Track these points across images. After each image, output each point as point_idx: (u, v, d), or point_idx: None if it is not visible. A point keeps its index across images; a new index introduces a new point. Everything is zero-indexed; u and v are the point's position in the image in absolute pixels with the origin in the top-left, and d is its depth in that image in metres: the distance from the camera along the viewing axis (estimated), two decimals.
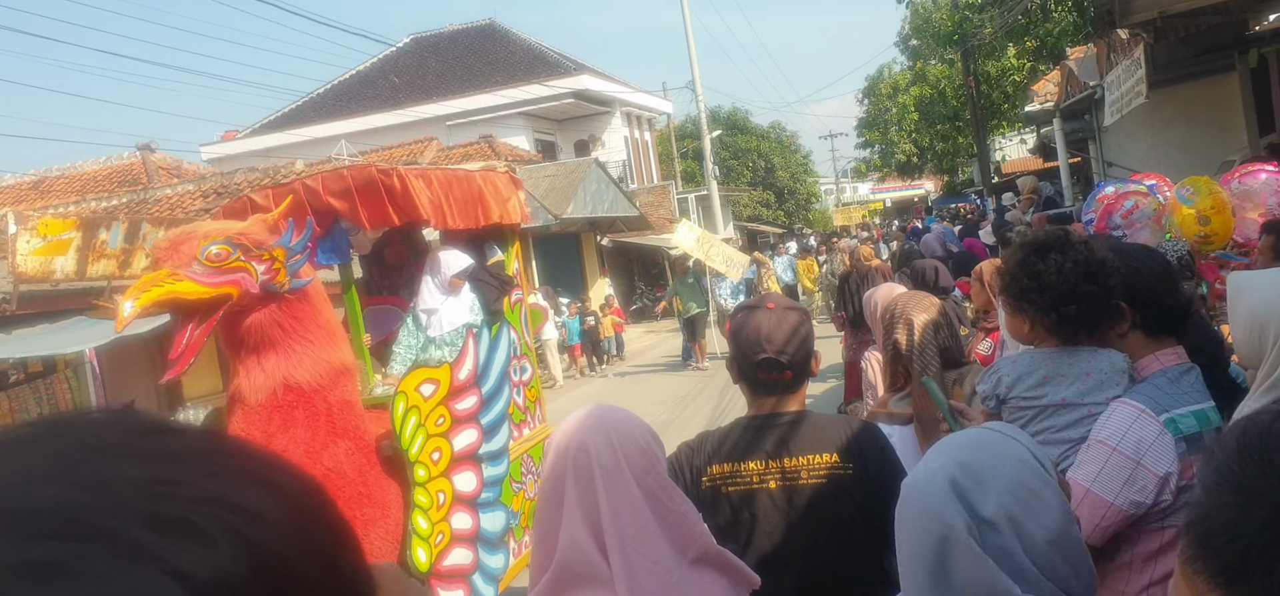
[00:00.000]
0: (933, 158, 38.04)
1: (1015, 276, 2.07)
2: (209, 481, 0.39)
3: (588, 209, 20.25)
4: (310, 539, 0.40)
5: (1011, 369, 2.11)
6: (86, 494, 0.36)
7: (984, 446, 1.21)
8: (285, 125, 27.67)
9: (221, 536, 0.37)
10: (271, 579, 0.37)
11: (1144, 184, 5.57)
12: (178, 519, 0.36)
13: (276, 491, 0.40)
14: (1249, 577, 0.58)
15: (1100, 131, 13.66)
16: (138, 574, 0.34)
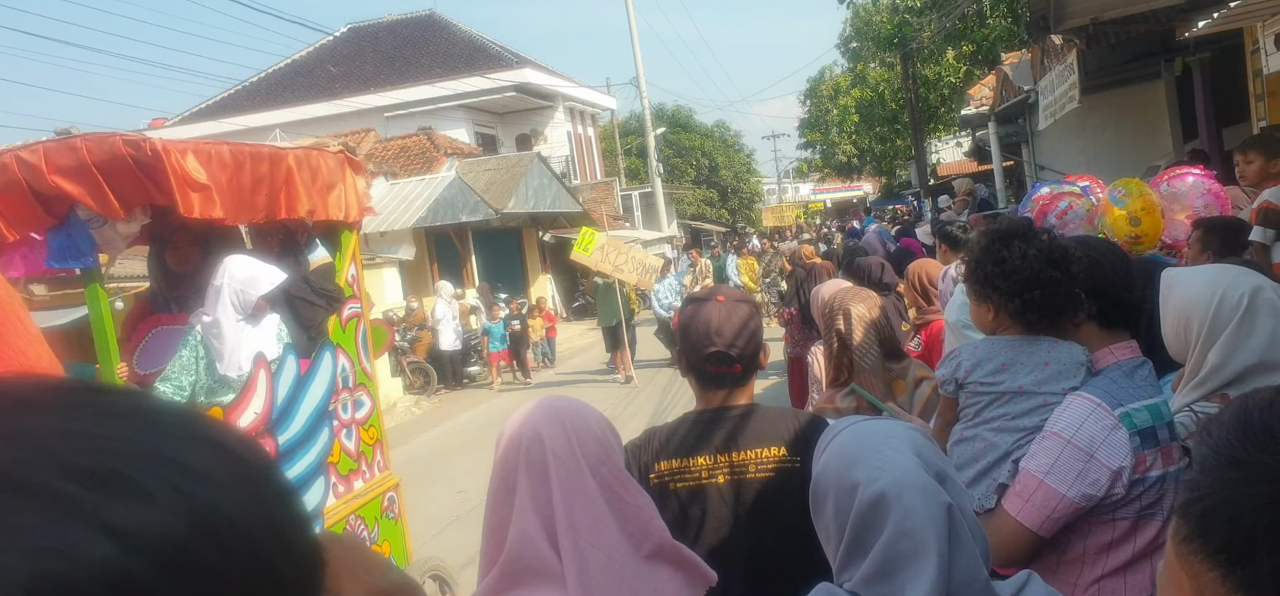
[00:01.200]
0: (872, 159, 38.76)
1: (980, 263, 2.07)
2: (146, 438, 0.36)
3: (529, 204, 20.08)
4: (257, 502, 0.38)
5: (971, 354, 2.12)
6: (6, 447, 0.34)
7: (901, 431, 1.35)
8: (217, 114, 26.88)
9: (160, 492, 0.34)
10: (215, 538, 0.35)
11: (1077, 185, 5.71)
12: (109, 473, 0.34)
13: (222, 452, 0.38)
14: (1255, 555, 0.56)
15: (1033, 135, 14.05)
16: (60, 526, 0.32)
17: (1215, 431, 0.64)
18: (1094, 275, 2.02)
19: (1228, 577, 0.58)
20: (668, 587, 1.47)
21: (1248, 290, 1.89)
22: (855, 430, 1.38)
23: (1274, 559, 0.55)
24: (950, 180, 19.53)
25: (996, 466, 2.02)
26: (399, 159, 20.31)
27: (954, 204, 12.46)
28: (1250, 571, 0.56)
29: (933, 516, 1.22)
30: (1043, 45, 11.36)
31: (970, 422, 2.11)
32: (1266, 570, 0.55)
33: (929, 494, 1.24)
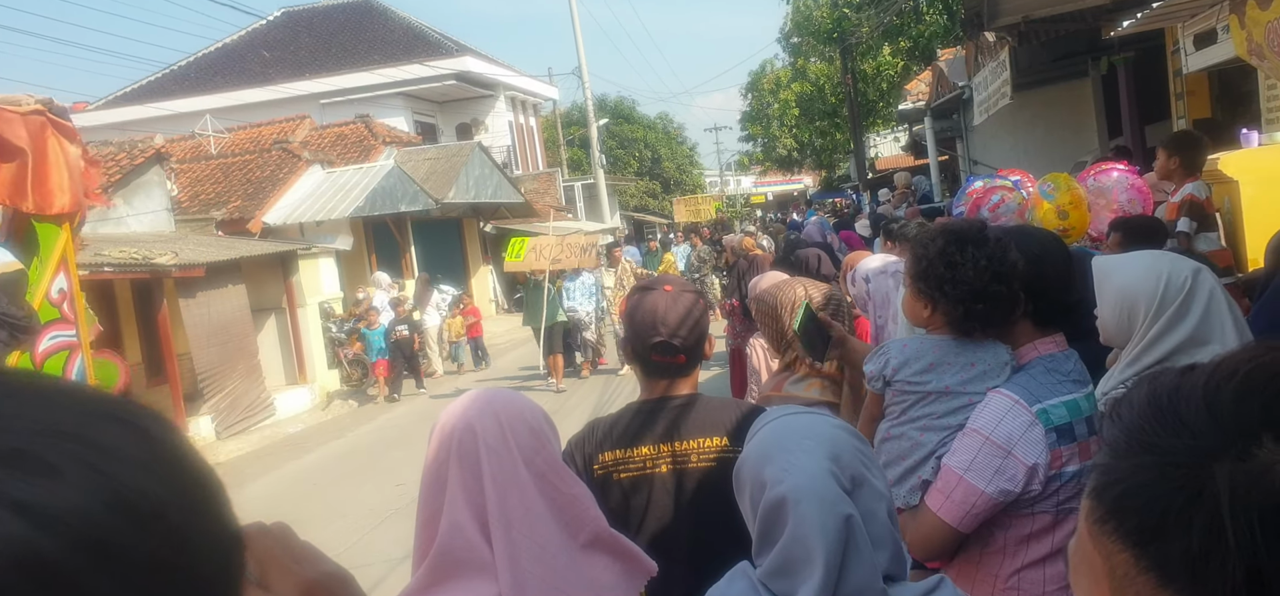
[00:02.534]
0: (812, 153, 39.23)
1: (932, 263, 2.05)
2: (51, 415, 0.34)
3: (470, 194, 19.83)
4: (173, 481, 0.37)
5: (900, 352, 2.12)
6: None
7: (823, 430, 1.37)
8: (142, 98, 25.89)
9: (69, 469, 0.33)
10: (130, 516, 0.34)
11: (1009, 179, 5.86)
12: (14, 450, 0.33)
13: (133, 430, 0.36)
14: (1167, 537, 0.57)
15: (968, 130, 14.38)
16: None
17: (1125, 413, 0.64)
18: (1033, 274, 2.02)
19: (1140, 558, 0.59)
20: (604, 577, 1.45)
21: (1190, 272, 1.93)
22: (778, 424, 1.41)
23: (1184, 541, 0.56)
24: (889, 174, 19.90)
25: (922, 464, 2.04)
26: (335, 147, 19.86)
27: (893, 197, 12.72)
28: (1162, 553, 0.57)
29: (825, 528, 1.25)
30: (977, 42, 11.63)
31: (896, 420, 2.12)
32: (1177, 552, 0.56)
33: (827, 504, 1.27)
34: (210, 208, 15.47)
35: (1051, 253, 2.13)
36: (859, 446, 1.37)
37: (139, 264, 10.84)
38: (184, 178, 15.98)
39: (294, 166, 16.86)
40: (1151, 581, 0.58)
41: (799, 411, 1.47)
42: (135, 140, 13.90)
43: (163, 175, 13.80)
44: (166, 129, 17.75)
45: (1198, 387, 0.61)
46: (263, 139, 19.09)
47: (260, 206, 15.54)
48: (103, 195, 2.68)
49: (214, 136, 19.24)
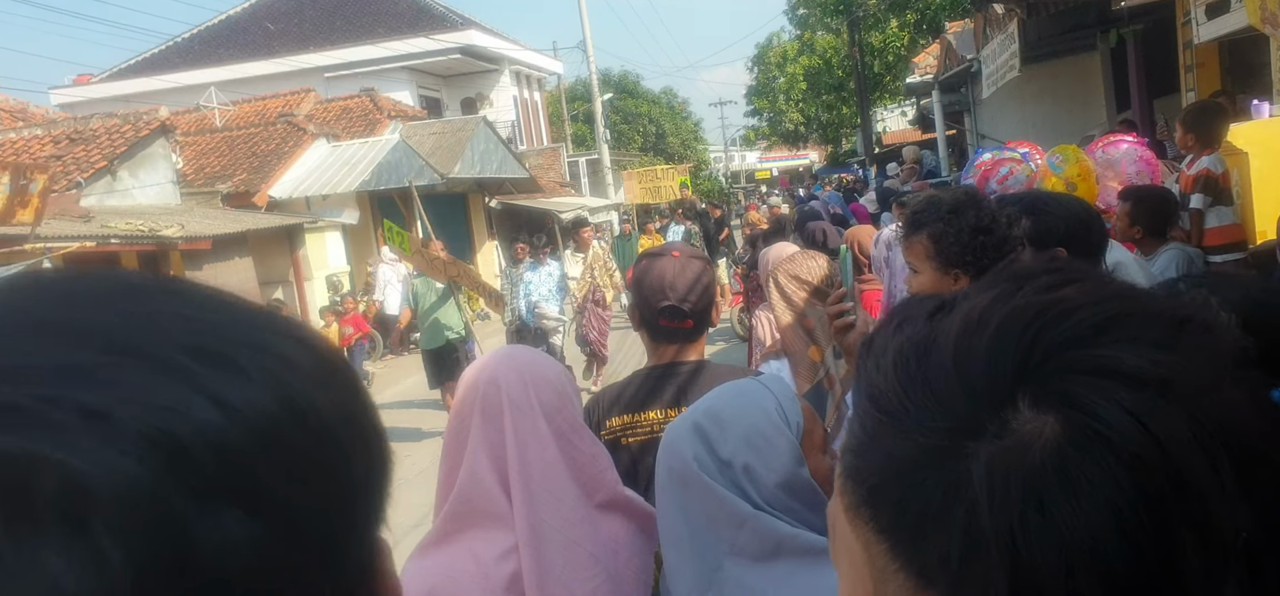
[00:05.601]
0: (818, 128, 39.04)
1: (941, 234, 2.09)
2: (244, 328, 0.41)
3: (476, 169, 19.80)
4: (338, 395, 0.43)
5: None
6: (130, 320, 0.39)
7: (737, 395, 1.37)
8: (147, 70, 25.82)
9: (256, 373, 0.40)
10: (300, 420, 0.40)
11: (1018, 151, 5.85)
12: (215, 352, 0.39)
13: (308, 348, 0.43)
14: (924, 537, 0.47)
15: (975, 104, 14.30)
16: (173, 389, 0.37)
17: (872, 372, 0.53)
18: (1082, 245, 2.04)
19: (897, 555, 0.50)
20: (621, 534, 1.48)
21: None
22: (726, 385, 1.46)
23: (943, 543, 0.46)
24: (896, 148, 19.80)
25: None
26: (341, 120, 19.82)
27: (902, 172, 12.67)
28: (919, 555, 0.48)
29: (662, 483, 1.34)
30: (986, 14, 11.54)
31: None
32: (935, 556, 0.47)
33: (669, 451, 1.34)
34: (216, 181, 15.48)
35: (1096, 221, 2.17)
36: (763, 429, 1.32)
37: (145, 236, 10.88)
38: (189, 150, 15.97)
39: (299, 140, 16.85)
40: (912, 583, 0.49)
41: (752, 378, 1.49)
42: (140, 112, 13.90)
43: (168, 148, 13.81)
44: (171, 102, 17.73)
45: (948, 346, 0.50)
46: (268, 112, 19.06)
47: (266, 180, 15.55)
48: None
49: (219, 109, 19.21)
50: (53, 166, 10.99)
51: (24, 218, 9.14)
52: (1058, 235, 2.06)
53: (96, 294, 0.41)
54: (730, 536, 1.27)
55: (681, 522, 1.31)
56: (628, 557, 1.48)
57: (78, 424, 0.35)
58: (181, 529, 0.35)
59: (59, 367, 0.36)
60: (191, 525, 0.35)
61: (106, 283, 0.42)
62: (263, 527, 0.37)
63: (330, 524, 0.41)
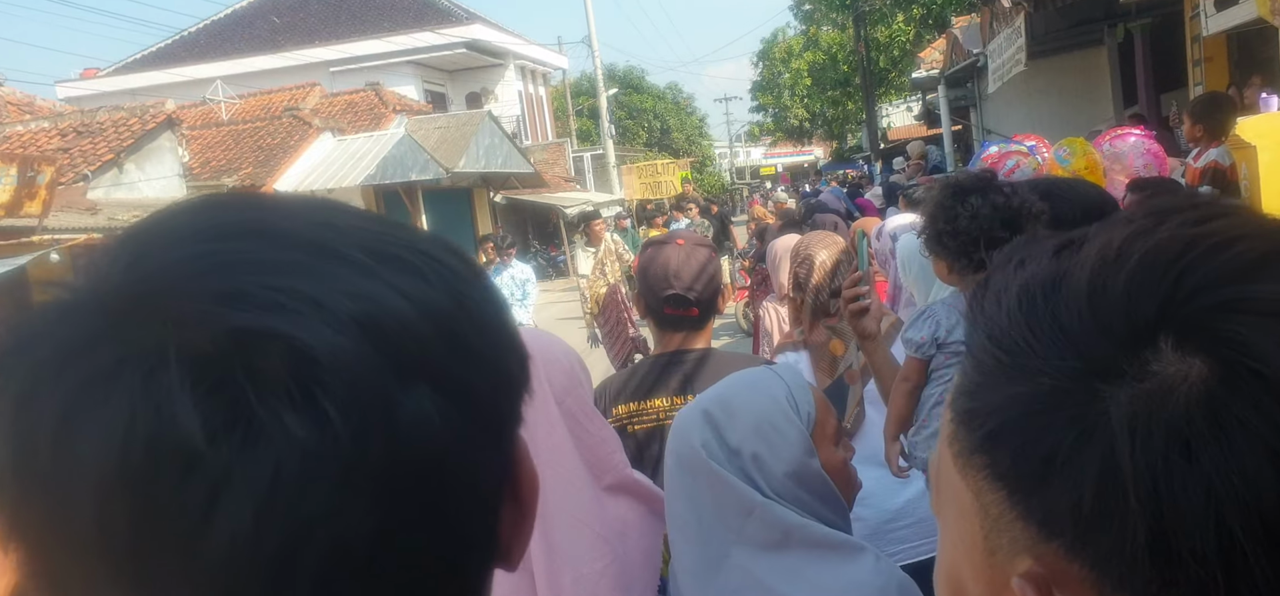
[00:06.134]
0: (823, 123, 39.00)
1: (933, 218, 2.07)
2: (408, 237, 0.47)
3: (481, 163, 19.81)
4: (490, 296, 0.49)
5: (948, 315, 2.11)
6: (318, 228, 0.44)
7: (747, 384, 1.36)
8: (153, 64, 25.92)
9: (430, 273, 0.45)
10: (468, 315, 0.46)
11: (1024, 145, 5.84)
12: (392, 255, 0.44)
13: (459, 256, 0.48)
14: (1051, 485, 0.45)
15: (981, 99, 14.26)
16: (366, 282, 0.42)
17: (991, 312, 0.50)
18: (1085, 223, 2.04)
19: (1017, 503, 0.47)
20: (629, 516, 1.48)
21: None
22: (740, 372, 1.46)
23: (1074, 492, 0.44)
24: (901, 144, 19.76)
25: None
26: (346, 114, 19.84)
27: (908, 167, 12.65)
28: (1045, 504, 0.45)
29: (671, 469, 1.34)
30: (992, 8, 11.51)
31: (949, 384, 2.10)
32: (1065, 505, 0.44)
33: (678, 436, 1.34)
34: (221, 174, 15.51)
35: (1113, 207, 2.12)
36: (774, 418, 1.30)
37: None
38: (195, 144, 16.01)
39: (305, 134, 16.88)
40: (1032, 533, 0.46)
41: (766, 366, 1.48)
42: (147, 106, 13.95)
43: (174, 141, 13.85)
44: (177, 95, 17.77)
45: (1082, 281, 0.47)
46: (273, 106, 19.09)
47: (271, 174, 15.58)
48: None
49: (225, 103, 19.24)
50: (60, 159, 11.03)
51: (31, 210, 9.19)
52: (1072, 221, 2.02)
53: (286, 208, 0.47)
54: (738, 524, 1.26)
55: (689, 509, 1.31)
56: (636, 539, 1.48)
57: (299, 307, 0.40)
58: (387, 399, 0.40)
59: (275, 263, 0.41)
60: (393, 396, 0.41)
61: (291, 201, 0.48)
62: (447, 403, 0.43)
63: (496, 407, 0.47)
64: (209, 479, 0.37)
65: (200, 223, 0.44)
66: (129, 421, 0.37)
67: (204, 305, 0.39)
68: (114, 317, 0.39)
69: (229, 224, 0.44)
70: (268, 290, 0.40)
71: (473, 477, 0.46)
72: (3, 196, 8.89)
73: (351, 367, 0.40)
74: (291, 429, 0.38)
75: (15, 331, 0.41)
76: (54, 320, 0.41)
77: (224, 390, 0.38)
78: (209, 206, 0.46)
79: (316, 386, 0.39)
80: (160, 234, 0.44)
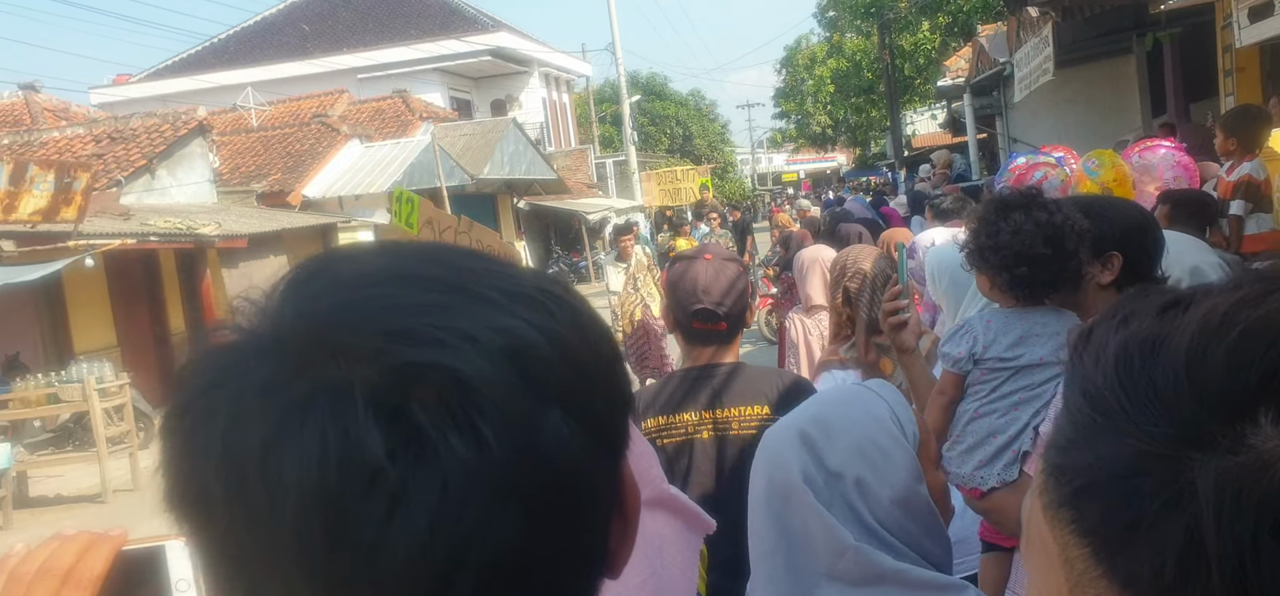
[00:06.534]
0: (847, 130, 38.83)
1: (975, 234, 2.07)
2: (537, 277, 0.54)
3: (505, 170, 19.94)
4: (601, 328, 0.55)
5: (986, 330, 2.11)
6: (458, 273, 0.50)
7: (845, 402, 1.28)
8: (185, 70, 26.28)
9: (555, 308, 0.51)
10: (587, 345, 0.51)
11: (1052, 156, 5.80)
12: (521, 293, 0.50)
13: (573, 293, 0.55)
14: (1136, 547, 0.45)
15: (1007, 108, 14.17)
16: (504, 318, 0.48)
17: (1089, 368, 0.50)
18: (1136, 244, 2.02)
19: (1101, 562, 0.47)
20: (666, 531, 1.49)
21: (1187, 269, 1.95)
22: (827, 391, 1.43)
23: (1157, 558, 0.43)
24: (926, 152, 19.65)
25: (1017, 437, 2.02)
26: (373, 121, 20.05)
27: (933, 175, 12.58)
28: (1128, 565, 0.45)
29: (755, 475, 1.27)
30: (1019, 17, 11.44)
31: (986, 399, 2.09)
32: (1145, 569, 0.44)
33: (772, 458, 1.26)
34: (251, 180, 15.73)
35: (1152, 224, 2.10)
36: (879, 440, 1.21)
37: (183, 234, 11.09)
38: (225, 150, 16.24)
39: (333, 140, 17.08)
40: (1114, 591, 0.46)
41: (860, 386, 1.44)
42: (179, 112, 14.17)
43: (205, 147, 14.06)
44: (208, 101, 18.03)
45: (1181, 346, 0.46)
46: (302, 113, 19.34)
47: (300, 179, 15.77)
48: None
49: (255, 109, 19.50)
50: (94, 165, 11.25)
51: (67, 215, 9.37)
52: (1114, 239, 2.01)
53: (425, 255, 0.53)
54: (829, 562, 1.18)
55: (778, 537, 1.23)
56: (673, 555, 1.49)
57: (458, 342, 0.46)
58: (531, 422, 0.46)
59: (430, 304, 0.48)
60: (535, 419, 0.47)
61: (426, 248, 0.55)
62: (576, 424, 0.48)
63: (612, 425, 0.53)
64: (389, 492, 0.43)
65: (357, 270, 0.51)
66: (323, 445, 0.43)
67: (378, 344, 0.45)
68: (300, 356, 0.45)
69: (382, 270, 0.51)
70: (430, 328, 0.46)
71: (596, 492, 0.51)
72: (40, 202, 9.08)
73: (502, 394, 0.45)
74: (456, 448, 0.44)
75: (205, 371, 0.48)
76: (248, 358, 0.47)
77: (400, 416, 0.44)
78: (361, 255, 0.53)
79: (474, 411, 0.45)
80: (325, 280, 0.50)
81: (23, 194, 8.86)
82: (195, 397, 0.47)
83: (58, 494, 9.04)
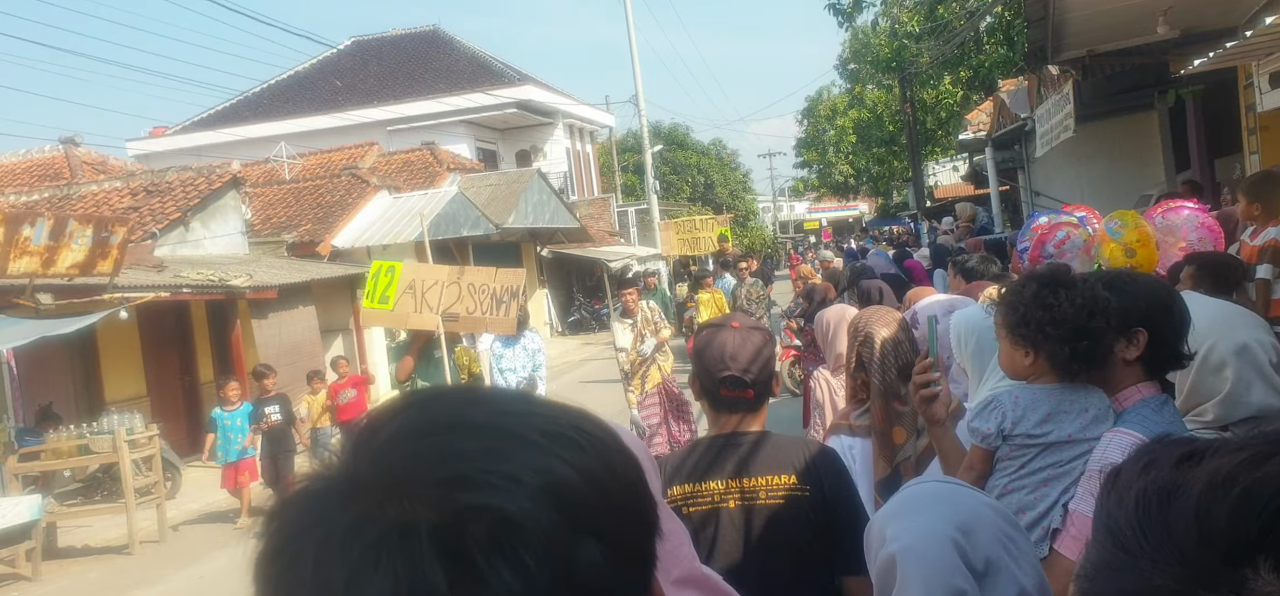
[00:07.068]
0: (868, 180, 38.92)
1: (1029, 309, 2.04)
2: (565, 416, 0.59)
3: (529, 219, 20.17)
4: (627, 458, 0.60)
5: (1014, 406, 2.09)
6: (506, 419, 0.57)
7: (963, 497, 1.33)
8: (219, 123, 26.90)
9: (587, 446, 0.56)
10: (616, 477, 0.57)
11: (1074, 215, 5.81)
12: (556, 433, 0.56)
13: (603, 428, 0.60)
14: None
15: (1029, 161, 14.19)
16: (544, 459, 0.54)
17: (1113, 507, 0.58)
18: (1162, 322, 2.02)
19: None
20: None
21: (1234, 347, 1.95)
22: (917, 487, 1.41)
23: None
24: (948, 203, 19.65)
25: (1047, 514, 2.02)
26: (402, 173, 20.39)
27: (957, 228, 12.57)
28: None
29: (929, 594, 1.25)
30: (1040, 74, 11.51)
31: (1015, 475, 2.08)
32: None
33: (936, 571, 1.25)
34: (282, 230, 16.00)
35: (1177, 301, 2.11)
36: (1006, 529, 1.30)
37: (215, 286, 11.28)
38: (257, 201, 16.56)
39: (362, 192, 17.37)
40: None
41: (944, 482, 1.48)
42: (213, 166, 14.48)
43: (238, 199, 14.34)
44: (241, 154, 18.44)
45: (1192, 497, 0.53)
46: (333, 165, 19.71)
47: (330, 230, 16.03)
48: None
49: (288, 162, 19.91)
50: (130, 218, 11.51)
51: (104, 268, 9.59)
52: (1138, 315, 2.01)
53: (477, 402, 0.60)
54: None
55: None
56: None
57: (505, 485, 0.52)
58: (568, 553, 0.52)
59: (483, 450, 0.54)
60: (572, 550, 0.52)
61: (480, 395, 0.62)
62: (608, 550, 0.54)
63: (641, 546, 0.59)
64: None
65: (419, 420, 0.58)
66: (395, 582, 0.50)
67: (438, 491, 0.52)
68: (374, 503, 0.53)
69: (440, 419, 0.58)
70: (481, 472, 0.53)
71: None
72: (78, 256, 9.29)
73: (543, 529, 0.52)
74: (505, 579, 0.50)
75: (297, 514, 0.55)
76: (332, 505, 0.54)
77: (458, 553, 0.50)
78: (422, 404, 0.60)
79: (520, 545, 0.51)
80: (392, 431, 0.57)
81: (62, 248, 9.08)
82: (289, 540, 0.54)
83: (86, 545, 9.12)
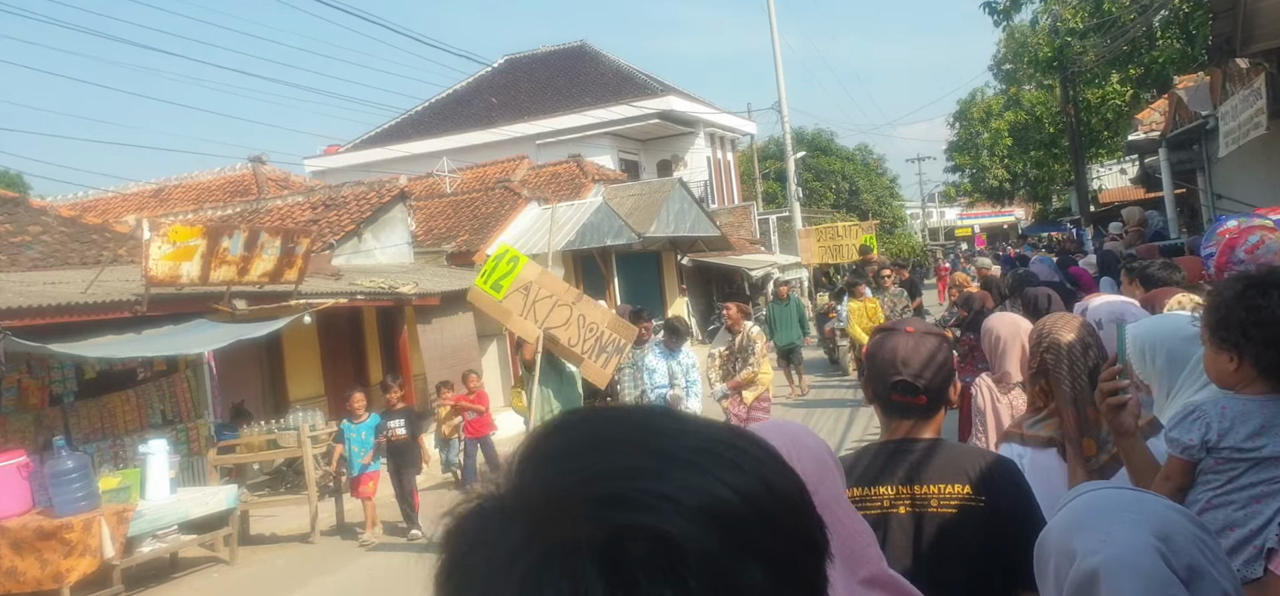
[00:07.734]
0: (1025, 184, 37.01)
1: (1231, 310, 1.96)
2: (720, 434, 0.60)
3: (670, 228, 20.42)
4: (790, 477, 0.60)
5: (1221, 416, 2.01)
6: (658, 437, 0.58)
7: (1152, 503, 1.29)
8: (385, 141, 28.68)
9: (744, 464, 0.57)
10: (776, 497, 0.57)
11: (1269, 219, 5.41)
12: (713, 453, 0.57)
13: (762, 446, 0.61)
14: None
15: (1210, 162, 13.14)
16: (700, 479, 0.55)
17: None
18: None
19: None
20: None
21: None
22: (1094, 495, 1.33)
23: None
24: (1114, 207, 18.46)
25: (1260, 532, 1.93)
26: (550, 185, 21.16)
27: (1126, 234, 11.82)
28: None
29: None
30: (1225, 69, 10.67)
31: (1221, 489, 1.99)
32: None
33: (1150, 583, 1.18)
34: (441, 241, 16.92)
35: None
36: (1199, 534, 1.25)
37: (386, 292, 12.08)
38: (420, 213, 17.58)
39: (514, 204, 18.13)
40: None
41: (1116, 487, 1.43)
42: (382, 181, 15.52)
43: (405, 212, 15.29)
44: (405, 169, 19.62)
45: None
46: (487, 178, 20.69)
47: (484, 240, 16.81)
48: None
49: (449, 176, 21.06)
50: (311, 230, 12.51)
51: (289, 276, 10.46)
52: None
53: (628, 422, 0.61)
54: None
55: None
56: None
57: (662, 504, 0.52)
58: (731, 576, 0.52)
59: (635, 469, 0.55)
60: (734, 573, 0.52)
61: (630, 414, 0.63)
62: (770, 573, 0.53)
63: (807, 571, 0.59)
64: None
65: (575, 440, 0.59)
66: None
67: (595, 509, 0.53)
68: (537, 523, 0.54)
69: (596, 438, 0.58)
70: (637, 491, 0.53)
71: None
72: (268, 265, 10.19)
73: (703, 548, 0.51)
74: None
75: (466, 535, 0.57)
76: (497, 526, 0.56)
77: (619, 570, 0.50)
78: (575, 424, 0.61)
79: (681, 565, 0.50)
80: (549, 450, 0.58)
81: (255, 258, 9.99)
82: (459, 560, 0.56)
83: (273, 533, 9.92)
